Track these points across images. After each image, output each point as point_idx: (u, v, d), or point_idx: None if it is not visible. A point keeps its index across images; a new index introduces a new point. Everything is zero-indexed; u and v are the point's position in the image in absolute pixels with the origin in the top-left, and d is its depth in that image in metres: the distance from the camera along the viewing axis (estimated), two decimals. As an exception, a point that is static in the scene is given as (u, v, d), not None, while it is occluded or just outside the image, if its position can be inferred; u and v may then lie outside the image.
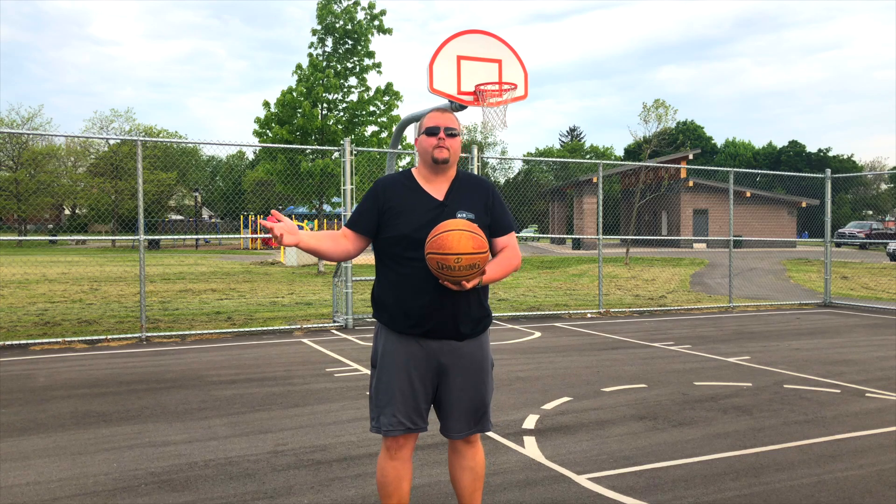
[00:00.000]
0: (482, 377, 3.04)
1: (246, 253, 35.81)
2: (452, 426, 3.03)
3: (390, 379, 2.95)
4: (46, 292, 14.94)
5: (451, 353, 2.96)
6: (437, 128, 2.98)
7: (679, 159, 37.86)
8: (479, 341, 3.04)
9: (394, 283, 2.96)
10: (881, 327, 10.55)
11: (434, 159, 2.96)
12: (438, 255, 2.72)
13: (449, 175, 3.04)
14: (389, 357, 2.97)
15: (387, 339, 3.00)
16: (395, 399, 2.94)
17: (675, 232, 40.93)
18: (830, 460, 4.45)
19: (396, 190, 2.99)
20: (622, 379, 6.81)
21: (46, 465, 4.36)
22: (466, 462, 3.12)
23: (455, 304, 2.91)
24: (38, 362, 7.66)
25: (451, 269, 2.72)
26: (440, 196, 2.99)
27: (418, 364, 2.94)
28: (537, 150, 79.20)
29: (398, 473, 3.00)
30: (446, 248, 2.71)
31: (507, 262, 3.02)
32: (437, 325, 2.91)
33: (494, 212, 3.04)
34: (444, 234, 2.74)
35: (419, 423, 2.98)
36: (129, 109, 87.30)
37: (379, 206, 2.97)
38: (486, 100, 9.26)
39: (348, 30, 20.29)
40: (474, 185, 3.06)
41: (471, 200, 2.99)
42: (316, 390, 6.33)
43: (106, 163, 41.61)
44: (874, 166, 73.75)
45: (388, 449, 3.02)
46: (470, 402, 3.02)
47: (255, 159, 60.66)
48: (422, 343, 2.93)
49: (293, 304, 13.18)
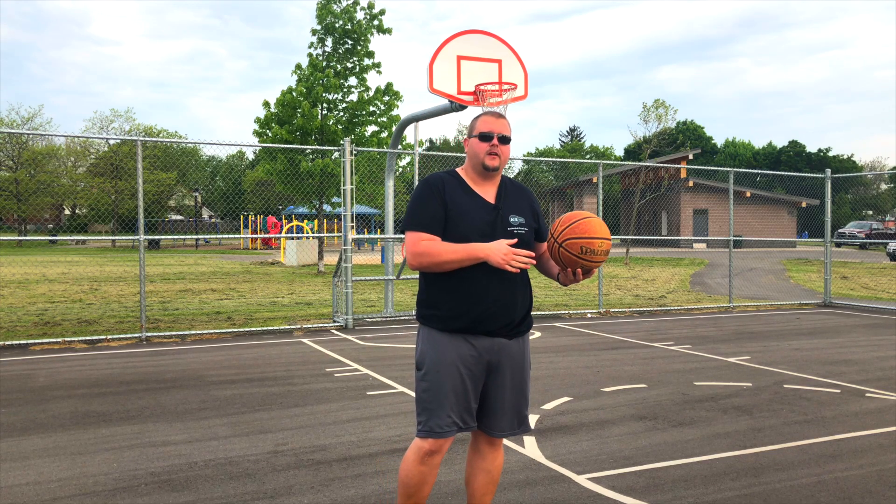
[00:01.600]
0: (525, 376, 3.06)
1: (246, 253, 35.81)
2: (496, 424, 3.02)
3: (442, 380, 2.92)
4: (46, 292, 14.93)
5: (500, 350, 2.96)
6: (490, 134, 2.95)
7: (679, 159, 37.86)
8: (524, 340, 3.07)
9: (452, 284, 2.92)
10: (881, 327, 10.55)
11: (485, 167, 2.95)
12: (584, 239, 2.79)
13: (496, 179, 3.04)
14: (440, 358, 2.93)
15: (436, 341, 2.96)
16: (448, 399, 2.91)
17: (675, 232, 40.93)
18: (830, 460, 4.45)
19: (453, 189, 2.96)
20: (622, 379, 6.81)
21: (46, 465, 4.36)
22: (486, 464, 3.11)
23: (512, 305, 2.94)
24: (38, 362, 7.66)
25: (594, 252, 2.80)
26: (491, 199, 2.99)
27: (469, 363, 2.92)
28: (537, 150, 79.20)
29: (424, 479, 2.97)
30: (591, 233, 2.80)
31: None
32: (493, 324, 2.92)
33: (539, 217, 3.12)
34: (587, 220, 2.83)
35: (470, 423, 2.97)
36: (129, 109, 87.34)
37: (443, 203, 2.92)
38: (486, 100, 9.26)
39: (348, 30, 20.28)
40: (520, 191, 3.10)
41: (519, 206, 3.03)
42: (316, 390, 6.33)
43: (106, 163, 41.60)
44: (874, 166, 73.76)
45: (420, 452, 2.95)
46: (515, 401, 3.03)
47: (255, 159, 60.63)
48: (472, 342, 2.92)
49: (293, 304, 13.18)
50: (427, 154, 13.20)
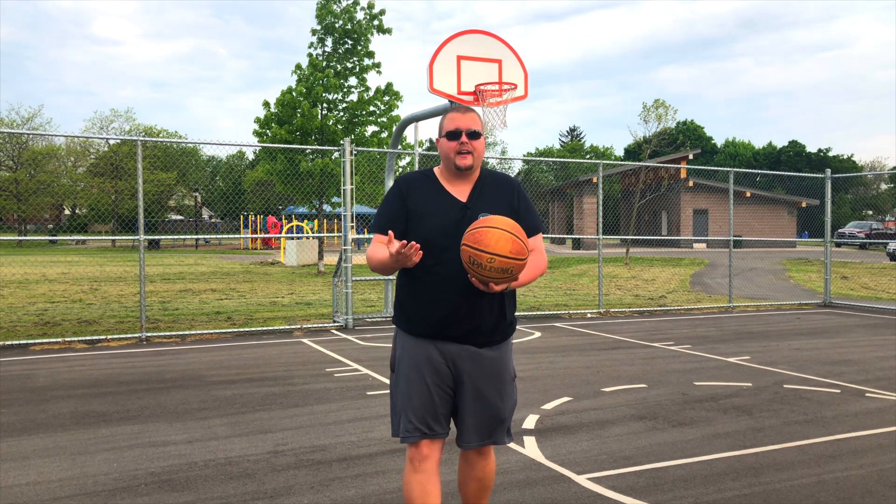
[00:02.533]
0: (500, 387, 2.90)
1: (246, 253, 35.81)
2: (463, 435, 2.91)
3: (408, 383, 2.85)
4: (46, 292, 14.93)
5: (470, 359, 2.84)
6: (458, 131, 2.82)
7: (679, 159, 37.84)
8: (499, 350, 2.90)
9: (415, 288, 2.84)
10: (881, 327, 10.55)
11: (457, 167, 2.83)
12: (473, 249, 2.56)
13: (473, 176, 2.90)
14: (407, 361, 2.87)
15: (405, 343, 2.89)
16: (411, 404, 2.83)
17: (675, 232, 40.92)
18: (830, 460, 4.45)
19: (421, 189, 2.86)
20: (622, 379, 6.81)
21: (46, 465, 4.36)
22: (475, 473, 3.03)
23: (478, 311, 2.79)
24: (38, 362, 7.66)
25: (481, 266, 2.55)
26: (463, 197, 2.85)
27: (436, 368, 2.82)
28: (537, 150, 79.20)
29: (424, 488, 2.82)
30: (483, 245, 2.54)
31: (535, 266, 2.85)
32: (457, 330, 2.80)
33: (520, 212, 2.88)
34: (485, 230, 2.56)
35: (436, 429, 2.85)
36: (129, 109, 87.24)
37: (406, 204, 2.84)
38: (486, 100, 9.26)
39: (348, 29, 20.29)
40: (499, 184, 2.92)
41: (495, 201, 2.85)
42: (316, 390, 6.33)
43: (106, 163, 41.60)
44: (874, 166, 73.74)
45: (411, 461, 2.88)
46: (485, 412, 2.88)
47: (255, 159, 60.64)
48: (440, 347, 2.82)
49: (293, 304, 13.18)
50: (427, 154, 13.20)
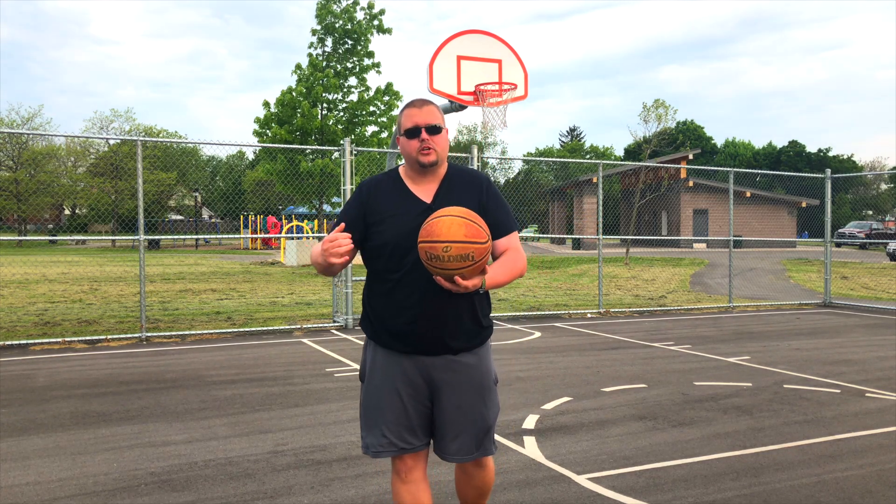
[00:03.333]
0: (482, 394, 2.73)
1: (246, 253, 35.80)
2: (448, 447, 2.72)
3: (379, 396, 2.68)
4: (46, 292, 14.93)
5: (445, 367, 2.66)
6: (416, 128, 2.63)
7: (679, 159, 37.85)
8: (476, 355, 2.72)
9: (379, 296, 2.69)
10: (881, 327, 10.55)
11: (421, 164, 2.65)
12: (427, 243, 2.40)
13: (439, 173, 2.72)
14: (378, 372, 2.70)
15: (375, 353, 2.74)
16: (384, 417, 2.67)
17: (675, 232, 40.93)
18: (830, 460, 4.45)
19: (381, 193, 2.69)
20: (622, 379, 6.81)
21: (46, 465, 4.36)
22: (474, 482, 2.90)
23: (448, 316, 2.62)
24: (38, 362, 7.66)
25: (439, 258, 2.38)
26: (428, 198, 2.67)
27: (410, 379, 2.66)
28: (537, 150, 79.20)
29: (415, 498, 2.69)
30: (434, 235, 2.39)
31: (512, 264, 2.66)
32: (424, 340, 2.62)
33: (488, 209, 2.68)
34: (434, 220, 2.43)
35: (413, 442, 2.69)
36: (129, 109, 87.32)
37: (364, 211, 2.68)
38: (486, 100, 9.27)
39: (348, 29, 20.30)
40: (467, 181, 2.73)
41: (462, 199, 2.66)
42: (316, 390, 6.33)
43: (106, 163, 41.61)
44: (874, 166, 73.74)
45: (397, 473, 2.72)
46: (468, 423, 2.70)
47: (255, 159, 60.67)
48: (412, 357, 2.65)
49: (293, 304, 13.18)
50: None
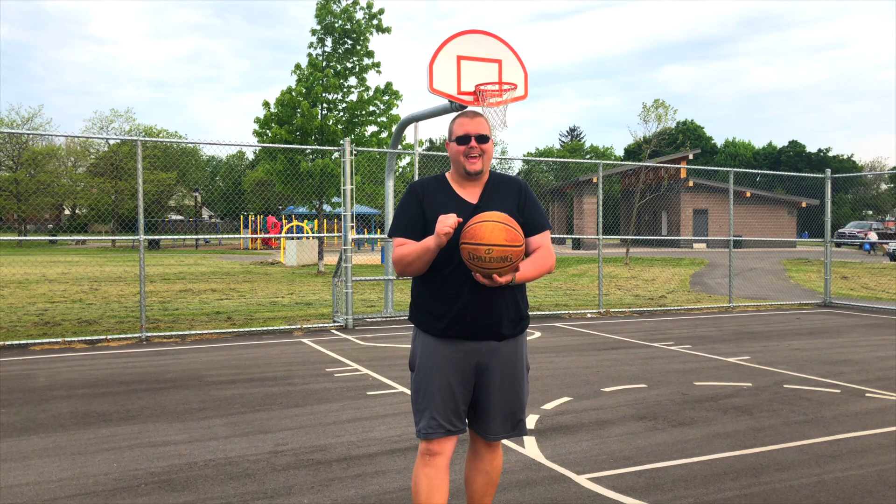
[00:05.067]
0: (519, 379, 3.02)
1: (246, 253, 35.80)
2: (489, 427, 3.00)
3: (429, 381, 2.94)
4: (46, 292, 14.93)
5: (490, 353, 2.94)
6: (467, 136, 2.93)
7: (679, 159, 37.85)
8: (516, 342, 3.01)
9: (430, 288, 2.95)
10: (881, 327, 10.55)
11: (467, 171, 2.95)
12: (471, 245, 2.72)
13: (482, 179, 3.02)
14: (428, 359, 2.95)
15: (425, 342, 2.98)
16: (434, 401, 2.92)
17: (675, 232, 40.93)
18: (830, 460, 4.45)
19: (434, 194, 2.98)
20: (622, 379, 6.81)
21: (46, 465, 4.36)
22: (484, 465, 3.11)
23: (491, 307, 2.89)
24: (38, 362, 7.66)
25: (481, 259, 2.71)
26: (474, 200, 2.97)
27: (457, 365, 2.92)
28: (537, 150, 79.20)
29: (431, 483, 2.91)
30: (478, 239, 2.70)
31: (542, 261, 2.98)
32: (473, 327, 2.89)
33: (526, 211, 3.02)
34: (478, 225, 2.74)
35: (458, 425, 2.96)
36: (129, 109, 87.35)
37: (422, 208, 2.95)
38: (486, 100, 9.26)
39: (347, 29, 20.29)
40: (507, 185, 3.04)
41: (504, 201, 2.97)
42: (316, 390, 6.33)
43: (106, 163, 41.60)
44: (874, 166, 73.73)
45: (422, 455, 2.97)
46: (508, 404, 3.00)
47: (255, 159, 60.67)
48: (459, 345, 2.92)
49: (293, 304, 13.18)
50: (427, 154, 13.20)
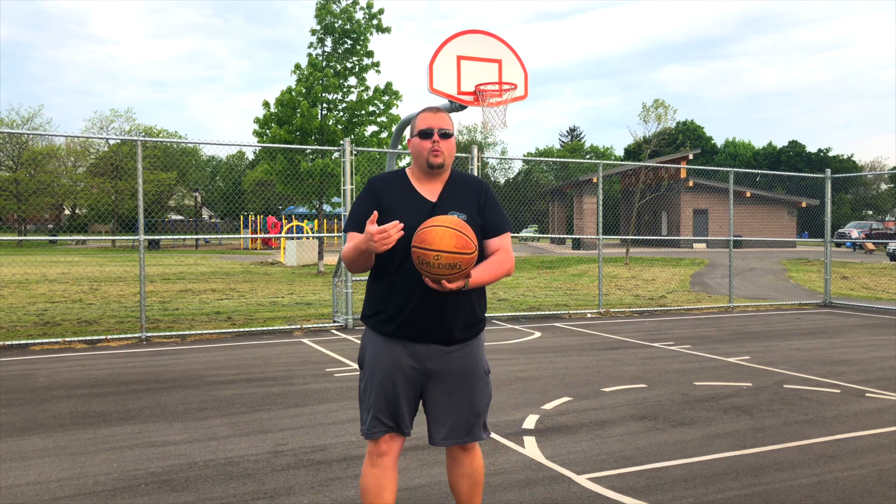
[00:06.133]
0: (473, 384, 2.93)
1: (246, 253, 35.80)
2: (436, 433, 2.93)
3: (374, 382, 2.89)
4: (46, 292, 14.93)
5: (439, 358, 2.87)
6: (430, 130, 2.88)
7: (679, 159, 37.85)
8: (469, 347, 2.93)
9: (382, 286, 2.88)
10: (881, 327, 10.55)
11: (430, 164, 2.88)
12: (420, 249, 2.65)
13: (443, 176, 2.95)
14: (375, 360, 2.90)
15: (374, 341, 2.93)
16: (378, 402, 2.87)
17: (675, 232, 40.93)
18: (830, 460, 4.45)
19: (391, 190, 2.91)
20: (622, 379, 6.81)
21: (46, 465, 4.36)
22: (464, 469, 3.04)
23: (442, 309, 2.81)
24: (38, 362, 7.66)
25: (429, 265, 2.64)
26: (433, 197, 2.91)
27: (404, 368, 2.85)
28: (537, 150, 79.22)
29: (379, 482, 2.90)
30: (427, 244, 2.64)
31: (498, 265, 2.90)
32: (421, 329, 2.82)
33: (486, 212, 2.94)
34: (429, 230, 2.66)
35: (402, 427, 2.90)
36: (129, 109, 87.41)
37: (379, 203, 2.88)
38: (486, 100, 9.26)
39: (347, 29, 20.30)
40: (468, 184, 2.97)
41: (464, 200, 2.91)
42: (316, 390, 6.33)
43: (106, 163, 41.62)
44: (874, 166, 73.74)
45: (369, 455, 2.94)
46: (458, 409, 2.91)
47: (255, 159, 60.69)
48: (407, 347, 2.85)
49: (293, 304, 13.18)
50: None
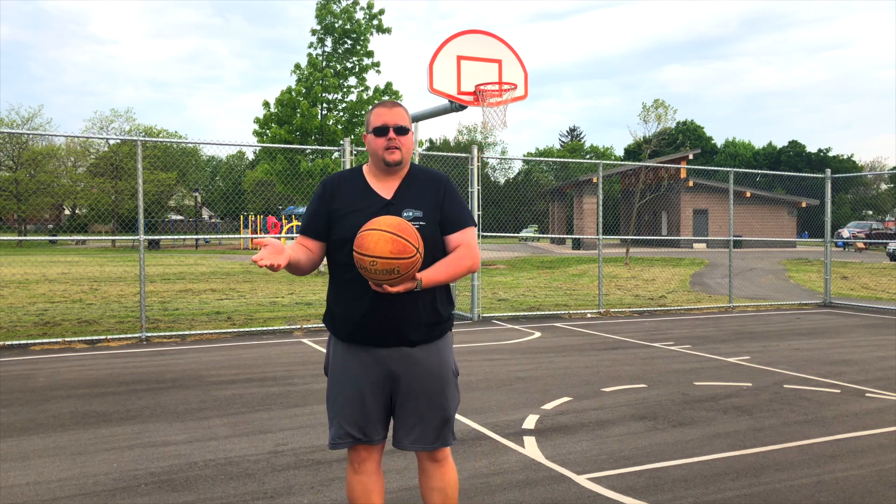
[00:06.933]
0: (440, 386, 2.79)
1: (246, 253, 35.79)
2: (406, 437, 2.80)
3: (339, 389, 2.79)
4: (46, 292, 14.93)
5: (402, 360, 2.74)
6: (385, 127, 2.74)
7: (679, 159, 37.86)
8: (434, 347, 2.80)
9: (337, 289, 2.78)
10: (881, 327, 10.55)
11: (386, 162, 2.75)
12: (357, 253, 2.56)
13: (401, 173, 2.82)
14: (338, 366, 2.80)
15: (336, 347, 2.83)
16: (343, 411, 2.77)
17: (675, 232, 40.93)
18: (830, 460, 4.45)
19: (344, 189, 2.80)
20: (622, 379, 6.81)
21: (46, 465, 4.36)
22: (434, 483, 2.86)
23: (400, 310, 2.69)
24: (38, 362, 7.66)
25: (367, 270, 2.55)
26: (389, 195, 2.77)
27: (368, 373, 2.75)
28: (537, 150, 79.25)
29: (365, 487, 2.83)
30: (363, 249, 2.53)
31: (456, 262, 2.74)
32: (380, 332, 2.71)
33: (445, 207, 2.79)
34: (365, 233, 2.55)
35: (372, 435, 2.79)
36: (129, 109, 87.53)
37: (326, 206, 2.78)
38: (486, 100, 9.27)
39: (347, 29, 20.32)
40: (427, 179, 2.83)
41: (421, 197, 2.77)
42: (316, 390, 6.33)
43: (106, 163, 41.61)
44: (874, 166, 73.75)
45: (350, 462, 2.86)
46: (425, 413, 2.78)
47: (255, 159, 60.71)
48: (370, 351, 2.74)
49: (293, 304, 13.18)
50: (427, 154, 13.19)
